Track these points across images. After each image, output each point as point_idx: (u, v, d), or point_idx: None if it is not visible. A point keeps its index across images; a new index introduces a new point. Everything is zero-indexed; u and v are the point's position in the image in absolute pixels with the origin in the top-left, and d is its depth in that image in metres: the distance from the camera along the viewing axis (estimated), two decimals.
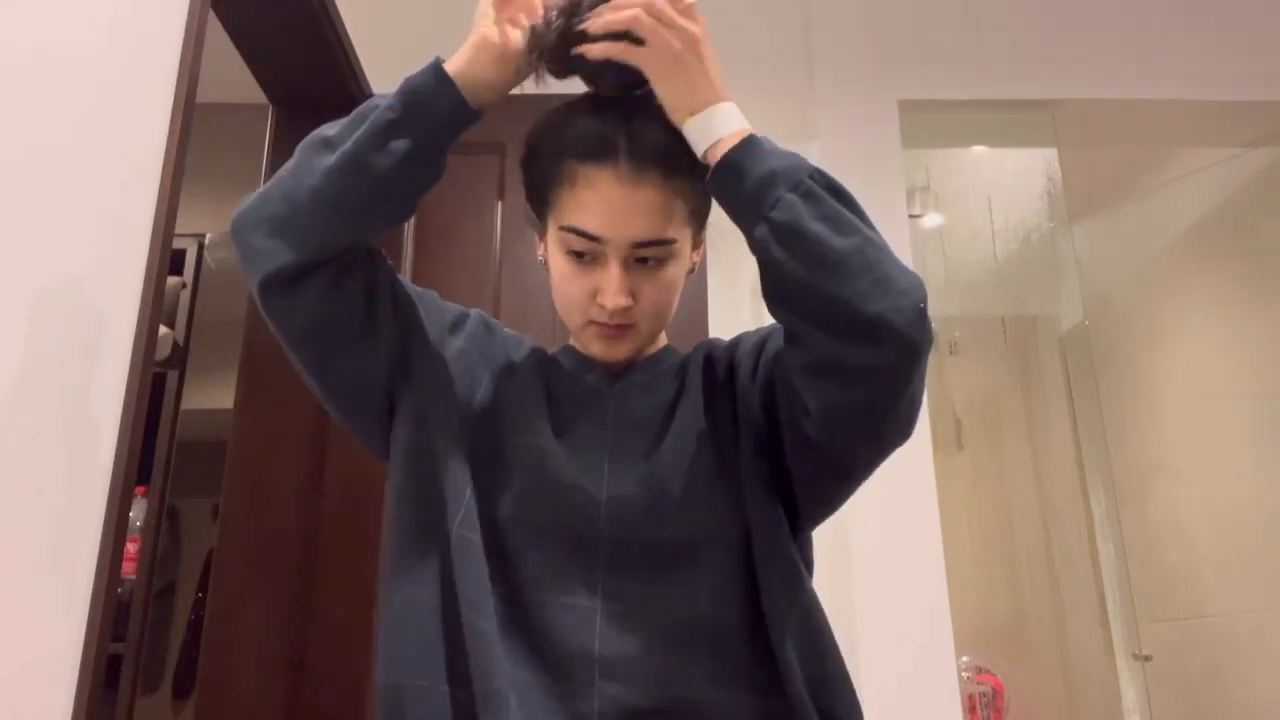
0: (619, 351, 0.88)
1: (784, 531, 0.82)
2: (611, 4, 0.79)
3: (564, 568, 0.79)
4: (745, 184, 0.75)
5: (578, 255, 0.84)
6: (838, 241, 0.72)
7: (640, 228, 0.82)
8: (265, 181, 0.85)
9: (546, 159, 0.87)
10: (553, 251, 0.88)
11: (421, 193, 0.85)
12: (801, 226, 0.72)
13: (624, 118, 0.84)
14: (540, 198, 0.89)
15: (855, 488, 0.85)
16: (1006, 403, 3.14)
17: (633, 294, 0.84)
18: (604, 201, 0.82)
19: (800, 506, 0.85)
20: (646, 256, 0.84)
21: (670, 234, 0.84)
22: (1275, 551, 2.62)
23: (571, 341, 0.96)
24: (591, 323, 0.86)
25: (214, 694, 1.76)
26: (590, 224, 0.82)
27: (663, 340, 0.96)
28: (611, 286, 0.82)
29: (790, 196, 0.73)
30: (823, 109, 2.32)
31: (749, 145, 0.77)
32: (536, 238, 0.95)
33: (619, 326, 0.85)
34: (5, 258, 0.93)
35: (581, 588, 0.79)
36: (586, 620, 0.77)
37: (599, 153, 0.82)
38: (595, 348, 0.88)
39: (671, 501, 0.81)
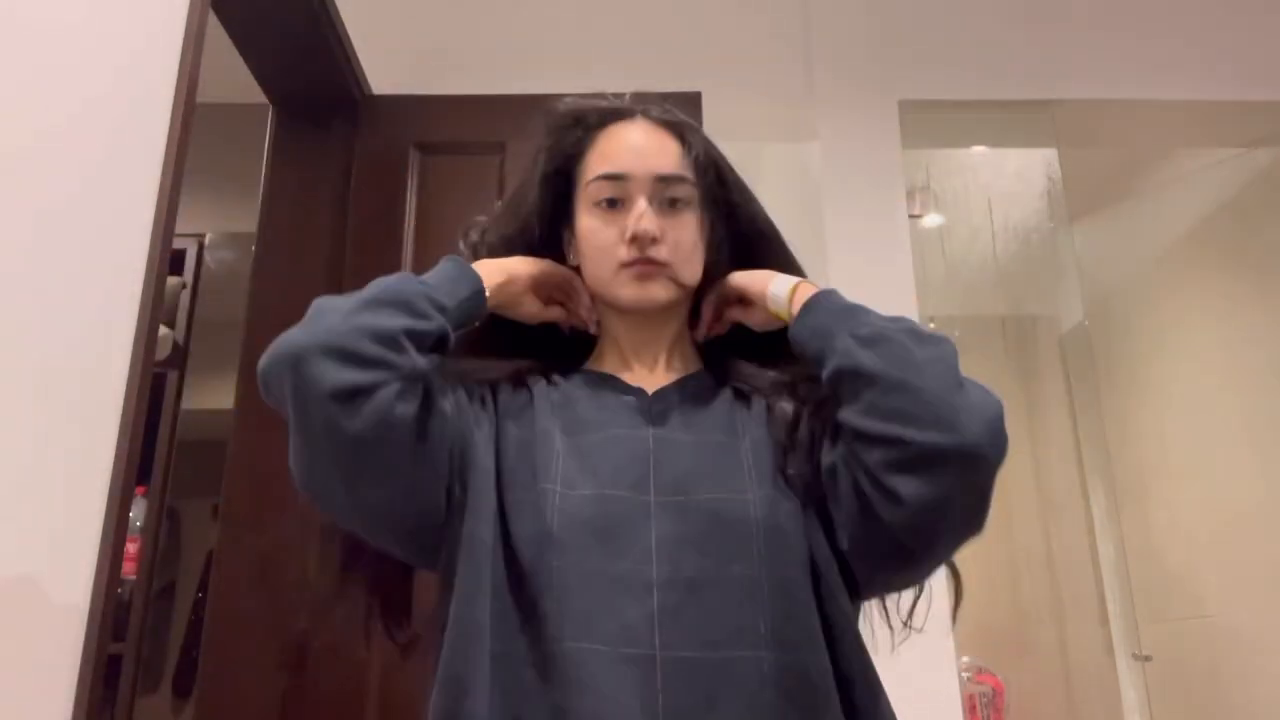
0: (652, 292, 0.88)
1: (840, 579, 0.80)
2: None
3: (612, 613, 0.73)
4: (833, 309, 0.84)
5: (607, 204, 0.88)
6: (920, 349, 0.77)
7: (662, 162, 0.89)
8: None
9: (568, 139, 0.92)
10: (582, 219, 0.90)
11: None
12: (887, 334, 0.78)
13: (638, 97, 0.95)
14: (565, 179, 0.92)
15: (916, 579, 0.86)
16: (1006, 403, 3.14)
17: (661, 232, 0.87)
18: (626, 144, 0.90)
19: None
20: (671, 198, 0.88)
21: (690, 175, 0.89)
22: (1275, 551, 2.62)
23: (594, 333, 0.96)
24: (623, 266, 0.87)
25: (214, 694, 1.76)
26: (614, 165, 0.89)
27: (696, 360, 0.96)
28: (640, 212, 0.86)
29: (875, 318, 0.82)
30: (823, 109, 2.32)
31: (830, 291, 0.86)
32: (566, 243, 0.96)
33: (650, 262, 0.86)
34: (5, 257, 0.93)
35: (635, 635, 0.73)
36: (645, 671, 0.72)
37: (619, 115, 0.92)
38: (628, 291, 0.88)
39: (731, 540, 0.77)
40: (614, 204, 0.88)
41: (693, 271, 0.90)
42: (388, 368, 0.74)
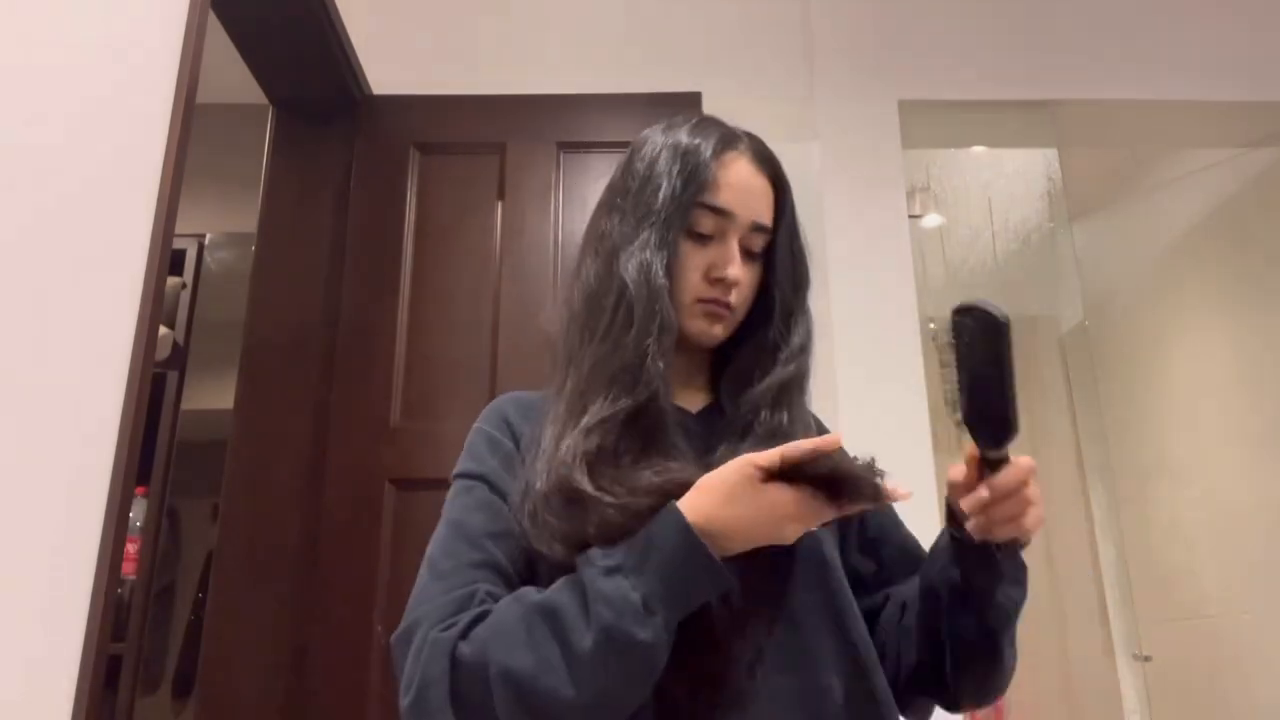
0: (716, 331, 0.90)
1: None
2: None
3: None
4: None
5: (699, 237, 0.88)
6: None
7: (761, 210, 0.90)
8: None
9: (687, 166, 0.89)
10: (678, 239, 0.88)
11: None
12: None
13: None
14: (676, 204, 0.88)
15: None
16: None
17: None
18: (737, 180, 0.89)
19: None
20: (752, 248, 0.90)
21: (772, 229, 0.91)
22: (1275, 551, 2.62)
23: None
24: (699, 300, 0.88)
25: (214, 694, 1.76)
26: (724, 199, 0.88)
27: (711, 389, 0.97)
28: (734, 258, 0.88)
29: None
30: (823, 109, 2.32)
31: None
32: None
33: (726, 305, 0.89)
34: (5, 257, 0.93)
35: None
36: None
37: (730, 142, 0.91)
38: (698, 325, 0.89)
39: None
40: (701, 236, 0.89)
41: (743, 315, 0.92)
42: None
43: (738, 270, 0.88)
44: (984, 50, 2.42)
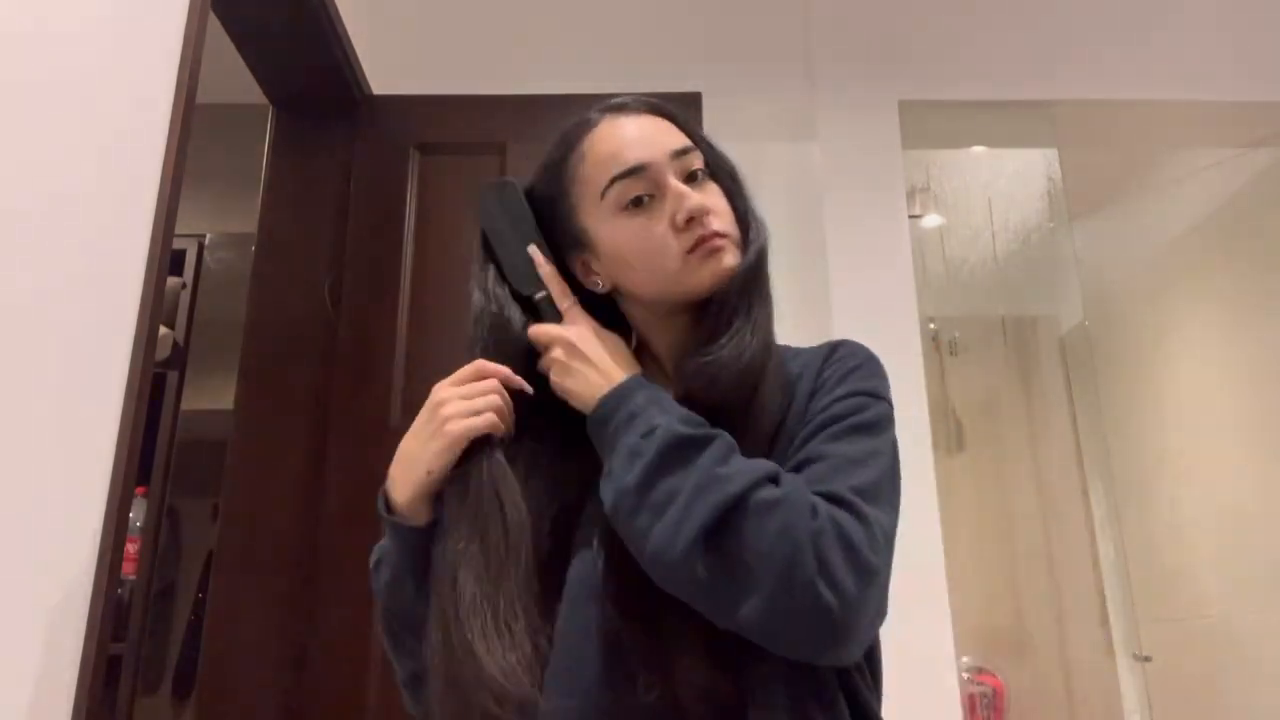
0: (726, 261, 0.82)
1: None
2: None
3: None
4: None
5: (636, 203, 0.83)
6: None
7: (669, 139, 0.85)
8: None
9: (564, 164, 0.87)
10: (610, 229, 0.84)
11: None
12: None
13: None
14: (574, 204, 0.87)
15: None
16: (1006, 403, 3.14)
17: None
18: (625, 137, 0.84)
19: None
20: (690, 170, 0.84)
21: (693, 144, 0.86)
22: (1275, 551, 2.63)
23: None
24: (688, 252, 0.82)
25: (214, 694, 1.76)
26: (628, 158, 0.83)
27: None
28: (685, 192, 0.82)
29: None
30: (823, 109, 2.32)
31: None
32: (580, 270, 0.89)
33: (716, 234, 0.82)
34: (6, 257, 0.93)
35: None
36: None
37: (595, 118, 0.87)
38: (708, 269, 0.82)
39: None
40: (640, 201, 0.83)
41: (741, 238, 0.85)
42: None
43: (697, 198, 0.82)
44: (984, 50, 2.42)
